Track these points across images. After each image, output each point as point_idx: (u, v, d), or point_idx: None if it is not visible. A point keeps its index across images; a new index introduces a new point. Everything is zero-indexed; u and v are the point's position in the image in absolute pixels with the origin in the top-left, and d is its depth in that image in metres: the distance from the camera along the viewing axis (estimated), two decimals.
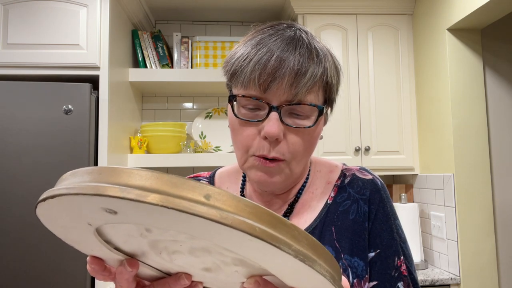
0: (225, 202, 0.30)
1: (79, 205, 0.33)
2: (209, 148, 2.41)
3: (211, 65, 2.36)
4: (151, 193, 0.29)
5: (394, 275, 0.67)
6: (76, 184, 0.32)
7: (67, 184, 0.33)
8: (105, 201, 0.30)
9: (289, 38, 0.61)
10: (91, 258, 0.43)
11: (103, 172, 0.31)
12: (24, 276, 1.73)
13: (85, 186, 0.30)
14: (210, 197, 0.30)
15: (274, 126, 0.59)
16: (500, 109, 2.13)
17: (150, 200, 0.28)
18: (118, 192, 0.29)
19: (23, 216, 1.75)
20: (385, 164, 2.28)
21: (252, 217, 0.30)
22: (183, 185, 0.30)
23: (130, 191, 0.29)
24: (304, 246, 0.32)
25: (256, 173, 0.63)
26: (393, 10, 2.36)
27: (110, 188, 0.29)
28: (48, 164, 1.78)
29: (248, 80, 0.60)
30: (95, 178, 0.31)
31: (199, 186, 0.30)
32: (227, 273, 0.40)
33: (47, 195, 0.33)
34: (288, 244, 0.31)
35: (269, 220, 0.31)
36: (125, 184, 0.30)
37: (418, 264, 2.13)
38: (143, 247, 0.40)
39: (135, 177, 0.30)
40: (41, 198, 0.34)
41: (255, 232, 0.29)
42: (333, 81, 0.64)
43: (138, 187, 0.29)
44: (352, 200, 0.70)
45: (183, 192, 0.29)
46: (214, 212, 0.29)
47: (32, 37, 1.89)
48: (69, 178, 0.34)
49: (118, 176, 0.31)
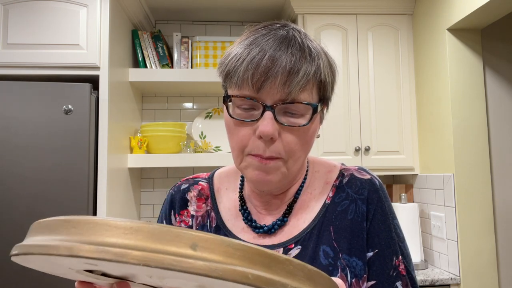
0: (214, 250, 0.28)
1: (55, 260, 0.31)
2: (209, 148, 2.41)
3: (211, 65, 2.36)
4: (131, 251, 0.27)
5: (393, 275, 0.67)
6: (49, 242, 0.29)
7: (40, 240, 0.30)
8: (82, 261, 0.28)
9: (281, 37, 0.62)
10: (79, 283, 0.42)
11: (78, 226, 0.29)
12: (24, 277, 1.73)
13: (59, 245, 0.28)
14: (196, 246, 0.28)
15: (269, 125, 0.59)
16: (500, 109, 2.12)
17: (130, 260, 0.27)
18: (94, 253, 0.27)
19: (23, 216, 1.75)
20: (385, 164, 2.28)
21: (244, 262, 0.28)
22: (166, 236, 0.28)
23: (108, 251, 0.27)
24: (301, 279, 0.31)
25: (252, 172, 0.63)
26: (393, 10, 2.36)
27: (85, 248, 0.27)
28: (48, 164, 1.78)
29: (242, 80, 0.60)
30: (70, 233, 0.29)
31: (183, 234, 0.28)
32: None
33: (19, 251, 0.31)
34: (284, 285, 0.29)
35: (262, 261, 0.29)
36: (102, 243, 0.28)
37: (418, 264, 2.13)
38: (132, 271, 0.39)
39: (112, 231, 0.28)
40: (14, 253, 0.32)
41: (248, 280, 0.28)
42: (327, 79, 0.64)
43: (116, 245, 0.27)
44: (350, 200, 0.70)
45: (167, 245, 0.27)
46: (201, 264, 0.27)
47: (32, 37, 1.90)
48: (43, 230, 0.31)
49: (94, 230, 0.28)
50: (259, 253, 0.29)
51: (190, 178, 0.82)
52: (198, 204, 0.77)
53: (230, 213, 0.75)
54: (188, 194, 0.78)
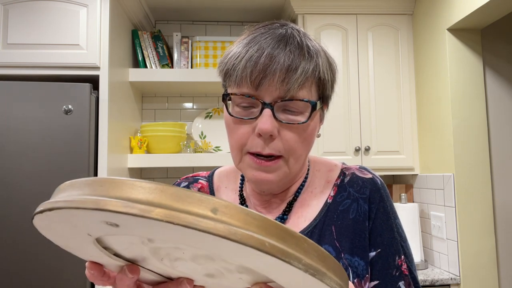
0: (233, 216, 0.29)
1: (78, 218, 0.31)
2: (209, 148, 2.41)
3: (211, 65, 2.36)
4: (155, 208, 0.27)
5: (395, 275, 0.67)
6: (75, 196, 0.30)
7: (66, 196, 0.31)
8: (106, 216, 0.29)
9: (280, 35, 0.62)
10: (90, 263, 0.42)
11: (104, 184, 0.30)
12: (24, 277, 1.72)
13: (85, 200, 0.29)
14: (217, 210, 0.28)
15: (267, 122, 0.60)
16: (500, 109, 2.13)
17: (154, 215, 0.27)
18: (120, 207, 0.27)
19: (23, 217, 1.75)
20: (385, 164, 2.28)
21: (261, 231, 0.29)
22: (188, 199, 0.28)
23: (133, 206, 0.27)
24: (314, 259, 0.31)
25: (252, 172, 0.63)
26: (393, 10, 2.36)
27: (112, 202, 0.28)
28: (48, 164, 1.78)
29: (240, 78, 0.60)
30: (96, 191, 0.30)
31: (205, 199, 0.29)
32: (230, 280, 0.40)
33: (44, 207, 0.31)
34: (298, 259, 0.30)
35: (278, 233, 0.30)
36: (128, 198, 0.28)
37: (418, 264, 2.13)
38: (144, 254, 0.39)
39: (138, 190, 0.29)
40: (38, 210, 0.32)
41: (264, 247, 0.28)
42: (326, 77, 0.64)
43: (141, 202, 0.28)
44: (352, 199, 0.70)
45: (189, 206, 0.28)
46: (221, 227, 0.27)
47: (32, 37, 1.89)
48: (68, 189, 0.32)
49: (120, 188, 0.29)
50: (276, 226, 0.30)
51: (189, 177, 0.81)
52: None
53: None
54: None
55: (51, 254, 1.74)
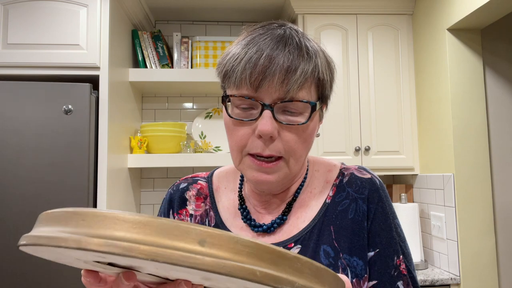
0: (222, 247, 0.28)
1: (63, 252, 0.31)
2: (209, 148, 2.41)
3: (211, 65, 2.36)
4: (139, 245, 0.27)
5: (394, 274, 0.67)
6: (57, 233, 0.29)
7: (48, 231, 0.30)
8: (90, 254, 0.28)
9: (278, 36, 0.62)
10: (85, 271, 0.42)
11: (86, 218, 0.29)
12: (23, 278, 1.73)
13: (67, 238, 0.28)
14: (205, 242, 0.28)
15: (268, 123, 0.59)
16: (500, 109, 2.12)
17: (138, 254, 0.26)
18: (102, 246, 0.27)
19: (23, 217, 1.75)
20: (385, 164, 2.28)
21: (252, 259, 0.28)
22: (175, 231, 0.28)
23: (116, 245, 0.27)
24: (308, 277, 0.31)
25: (252, 173, 0.63)
26: (393, 10, 2.36)
27: (94, 241, 0.27)
28: (48, 164, 1.78)
29: (240, 79, 0.60)
30: (78, 226, 0.29)
31: (192, 230, 0.28)
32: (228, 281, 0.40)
33: (27, 241, 0.31)
34: (292, 283, 0.29)
35: (270, 258, 0.29)
36: (110, 236, 0.27)
37: (418, 264, 2.13)
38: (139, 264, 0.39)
39: (121, 225, 0.28)
40: (21, 243, 0.31)
41: (255, 277, 0.28)
42: (325, 78, 0.64)
43: (124, 239, 0.27)
44: (350, 200, 0.70)
45: (175, 240, 0.27)
46: (209, 261, 0.27)
47: (32, 37, 1.90)
48: (51, 221, 0.31)
49: (102, 223, 0.28)
50: (267, 250, 0.29)
51: (189, 177, 0.81)
52: (197, 203, 0.77)
53: (229, 212, 0.74)
54: (187, 193, 0.78)
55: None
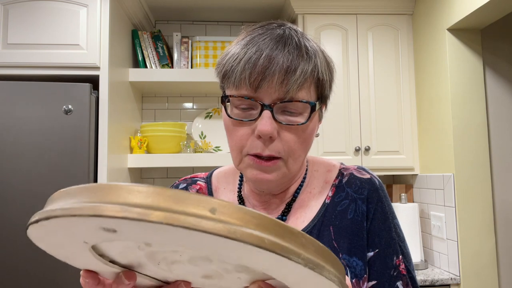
0: (231, 215, 0.29)
1: (75, 226, 0.31)
2: (209, 148, 2.41)
3: (211, 65, 2.36)
4: (154, 211, 0.27)
5: (393, 274, 0.67)
6: (72, 204, 0.30)
7: (62, 204, 0.30)
8: (104, 222, 0.29)
9: (278, 36, 0.62)
10: (84, 271, 0.42)
11: (100, 190, 0.29)
12: (23, 277, 1.73)
13: (82, 207, 0.28)
14: (215, 210, 0.29)
15: (267, 124, 0.59)
16: (500, 109, 2.12)
17: (153, 218, 0.27)
18: (118, 211, 0.27)
19: (23, 216, 1.75)
20: (385, 164, 2.28)
21: (260, 229, 0.29)
22: (186, 200, 0.28)
23: (132, 210, 0.27)
24: (312, 253, 0.32)
25: (252, 172, 0.63)
26: (393, 10, 2.36)
27: (109, 208, 0.28)
28: (48, 164, 1.78)
29: (239, 80, 0.60)
30: (92, 197, 0.29)
31: (203, 200, 0.29)
32: (228, 280, 0.40)
33: (40, 216, 0.31)
34: (297, 254, 0.30)
35: (277, 230, 0.30)
36: (125, 203, 0.28)
37: (418, 264, 2.13)
38: (140, 259, 0.39)
39: (135, 194, 0.28)
40: (33, 220, 0.31)
41: (264, 244, 0.28)
42: (325, 78, 0.64)
43: (139, 205, 0.28)
44: (350, 200, 0.70)
45: (187, 207, 0.28)
46: (221, 226, 0.28)
47: (32, 37, 1.90)
48: (63, 197, 0.31)
49: (116, 194, 0.29)
50: (275, 223, 0.30)
51: (188, 178, 0.81)
52: None
53: None
54: None
55: (51, 256, 1.74)
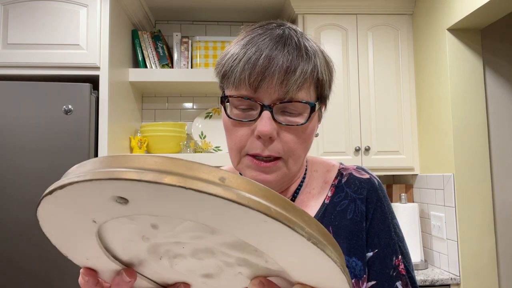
0: (239, 185, 0.30)
1: (88, 195, 0.31)
2: (209, 148, 2.41)
3: (211, 65, 2.36)
4: (167, 175, 0.29)
5: (393, 275, 0.67)
6: (87, 172, 0.31)
7: (77, 173, 0.32)
8: (119, 188, 0.30)
9: (277, 36, 0.62)
10: (84, 269, 0.42)
11: (116, 159, 0.31)
12: (23, 277, 1.73)
13: (98, 172, 0.30)
14: (225, 179, 0.30)
15: (267, 124, 0.59)
16: (500, 109, 2.12)
17: (167, 181, 0.28)
18: (134, 175, 0.29)
19: (23, 216, 1.75)
20: (385, 164, 2.28)
21: (267, 199, 0.30)
22: (198, 168, 0.30)
23: (147, 174, 0.29)
24: (314, 230, 0.33)
25: (251, 173, 0.63)
26: (393, 10, 2.36)
27: (125, 172, 0.29)
28: (48, 164, 1.78)
29: (239, 80, 0.60)
30: (108, 165, 0.30)
31: (213, 169, 0.30)
32: (229, 276, 0.40)
33: (55, 186, 0.31)
34: (301, 227, 0.31)
35: (282, 203, 0.31)
36: (140, 167, 0.29)
37: (418, 264, 2.13)
38: (141, 255, 0.39)
39: (149, 161, 0.30)
40: (48, 191, 0.32)
41: (270, 212, 0.29)
42: (324, 78, 0.64)
43: (153, 170, 0.29)
44: (349, 200, 0.70)
45: (198, 174, 0.29)
46: (230, 192, 0.29)
47: (32, 37, 1.90)
48: (77, 169, 0.32)
49: (131, 161, 0.30)
50: (280, 198, 0.31)
51: None
52: None
53: None
54: None
55: (51, 256, 1.74)
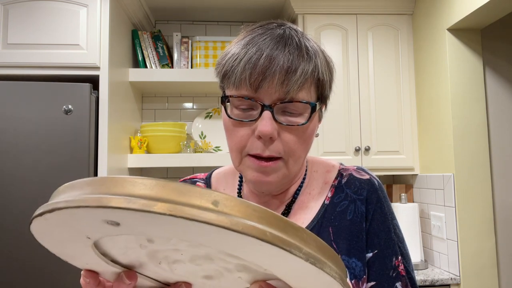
0: (234, 208, 0.29)
1: (79, 218, 0.31)
2: (209, 148, 2.41)
3: (211, 65, 2.36)
4: (157, 202, 0.28)
5: (392, 275, 0.67)
6: (76, 196, 0.30)
7: (66, 197, 0.31)
8: (108, 213, 0.29)
9: (278, 36, 0.61)
10: (85, 271, 0.42)
11: (105, 183, 0.30)
12: (24, 277, 1.73)
13: (87, 198, 0.29)
14: (218, 203, 0.29)
15: (267, 124, 0.59)
16: (500, 109, 2.12)
17: (157, 209, 0.27)
18: (123, 202, 0.27)
19: (23, 217, 1.75)
20: (385, 164, 2.28)
21: (262, 222, 0.29)
22: (189, 192, 0.29)
23: (136, 201, 0.28)
24: (313, 248, 0.32)
25: (252, 173, 0.63)
26: (393, 10, 2.36)
27: (114, 199, 0.28)
28: (48, 164, 1.79)
29: (239, 80, 0.60)
30: (97, 189, 0.29)
31: (206, 192, 0.29)
32: (229, 280, 0.40)
33: (44, 209, 0.31)
34: (299, 248, 0.30)
35: (279, 224, 0.30)
36: (130, 194, 0.28)
37: (418, 264, 2.13)
38: (141, 258, 0.38)
39: (139, 186, 0.29)
40: (38, 213, 0.31)
41: (266, 237, 0.29)
42: (325, 78, 0.64)
43: (143, 197, 0.28)
44: (349, 201, 0.70)
45: (190, 199, 0.28)
46: (224, 218, 0.28)
47: (32, 37, 1.90)
48: (67, 190, 0.32)
49: (121, 186, 0.29)
50: (276, 217, 0.30)
51: (187, 179, 0.81)
52: None
53: None
54: None
55: (51, 254, 1.74)
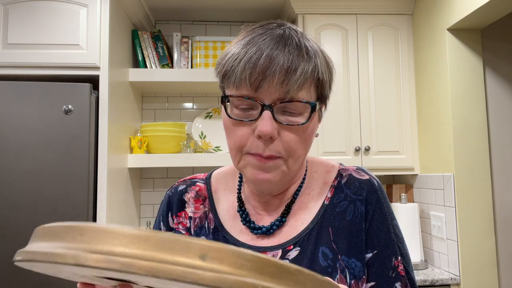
0: (223, 260, 0.27)
1: (59, 268, 0.30)
2: (209, 148, 2.41)
3: (211, 65, 2.36)
4: (138, 261, 0.26)
5: (392, 276, 0.67)
6: (53, 248, 0.29)
7: (44, 246, 0.30)
8: (87, 269, 0.28)
9: (278, 36, 0.62)
10: (81, 284, 0.42)
11: (84, 233, 0.28)
12: (23, 278, 1.73)
13: (65, 254, 0.28)
14: (206, 256, 0.27)
15: (267, 124, 0.59)
16: (500, 109, 2.12)
17: (137, 270, 0.26)
18: (101, 262, 0.26)
19: (23, 217, 1.75)
20: (385, 164, 2.28)
21: (254, 273, 0.28)
22: (174, 247, 0.27)
23: (115, 261, 0.26)
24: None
25: (252, 171, 0.63)
26: (393, 10, 2.36)
27: (92, 257, 0.27)
28: (48, 164, 1.79)
29: (239, 80, 0.60)
30: (75, 241, 0.28)
31: (193, 244, 0.27)
32: None
33: (23, 257, 0.30)
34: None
35: (272, 271, 0.29)
36: (109, 252, 0.27)
37: (418, 264, 2.13)
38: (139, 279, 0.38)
39: (119, 240, 0.27)
40: (17, 259, 0.31)
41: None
42: (324, 78, 0.64)
43: (123, 255, 0.27)
44: (349, 201, 0.70)
45: (175, 255, 0.27)
46: (210, 275, 0.26)
47: (32, 37, 1.90)
48: (46, 237, 0.30)
49: (100, 239, 0.28)
50: (269, 264, 0.29)
51: (187, 179, 0.81)
52: (196, 206, 0.76)
53: (228, 214, 0.74)
54: (186, 195, 0.78)
55: None
